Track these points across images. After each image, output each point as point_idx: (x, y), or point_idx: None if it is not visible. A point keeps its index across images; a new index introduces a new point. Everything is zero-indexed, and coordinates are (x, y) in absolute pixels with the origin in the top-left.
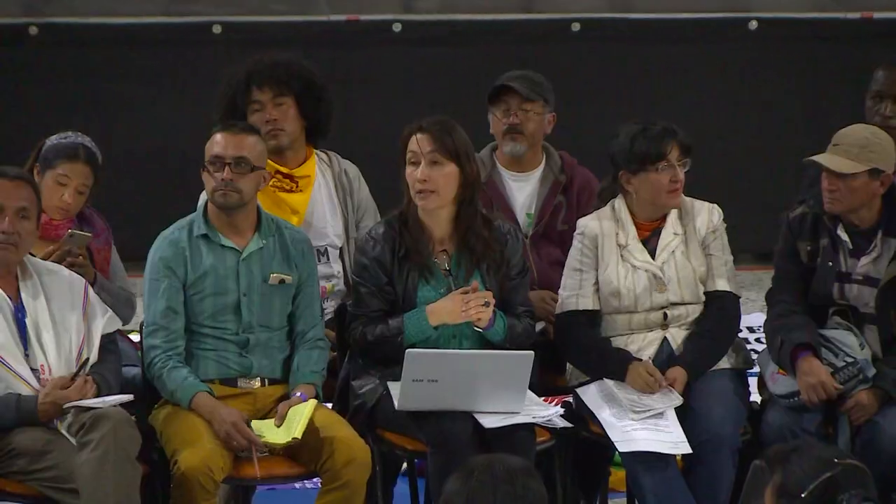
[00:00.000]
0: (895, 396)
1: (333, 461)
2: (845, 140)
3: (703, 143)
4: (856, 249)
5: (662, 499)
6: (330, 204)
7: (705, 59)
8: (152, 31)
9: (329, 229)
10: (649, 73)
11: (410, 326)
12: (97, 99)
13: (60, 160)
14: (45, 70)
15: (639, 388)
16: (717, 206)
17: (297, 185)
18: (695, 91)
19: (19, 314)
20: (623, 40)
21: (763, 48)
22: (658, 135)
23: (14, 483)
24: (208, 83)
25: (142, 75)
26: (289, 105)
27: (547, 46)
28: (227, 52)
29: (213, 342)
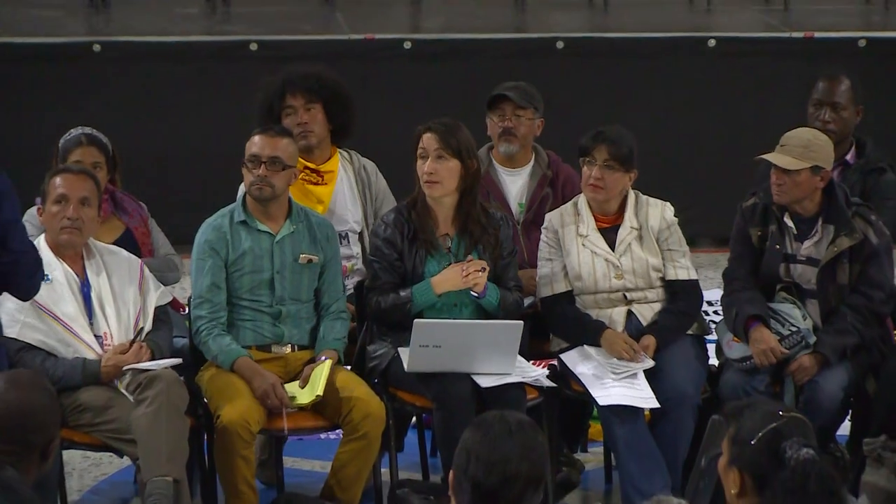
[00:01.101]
0: (832, 360)
1: (353, 416)
2: (791, 141)
3: (669, 144)
4: (800, 234)
5: (632, 447)
6: (351, 195)
7: (671, 73)
8: (198, 48)
9: (349, 216)
10: (623, 85)
11: (418, 296)
12: (151, 106)
13: (71, 150)
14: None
15: (615, 354)
16: (671, 203)
17: (322, 178)
18: (662, 100)
19: (85, 289)
20: (600, 56)
21: (720, 63)
22: (591, 136)
23: (81, 434)
24: (246, 93)
25: (189, 86)
26: (317, 110)
27: (535, 61)
28: (262, 66)
29: (250, 313)
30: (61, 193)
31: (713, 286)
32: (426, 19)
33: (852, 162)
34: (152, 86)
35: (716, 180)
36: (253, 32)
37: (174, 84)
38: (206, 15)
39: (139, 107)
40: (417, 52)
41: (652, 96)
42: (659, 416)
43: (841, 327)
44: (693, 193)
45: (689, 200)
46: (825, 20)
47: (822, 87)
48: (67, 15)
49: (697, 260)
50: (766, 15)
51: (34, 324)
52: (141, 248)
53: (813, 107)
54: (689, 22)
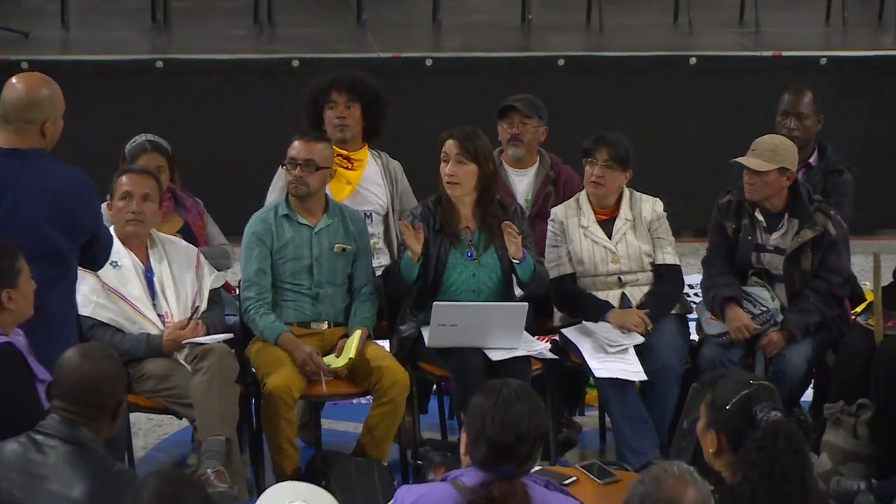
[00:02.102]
0: (797, 336)
1: (381, 383)
2: (761, 146)
3: (657, 148)
4: (768, 227)
5: (624, 411)
6: (376, 180)
7: (658, 86)
8: (247, 64)
9: (373, 198)
10: (616, 97)
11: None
12: (206, 116)
13: (138, 155)
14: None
15: (629, 325)
16: (660, 199)
17: (351, 164)
18: (650, 110)
19: (148, 274)
20: (596, 72)
21: (700, 78)
22: (593, 140)
23: (145, 399)
24: (289, 104)
25: (238, 98)
26: (356, 108)
27: (539, 76)
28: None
29: (292, 295)
30: (126, 191)
31: (694, 272)
32: (445, 40)
33: (815, 164)
34: (207, 97)
35: (696, 180)
36: (295, 51)
37: (226, 96)
38: (254, 36)
39: (196, 116)
40: (438, 68)
41: (641, 107)
42: (648, 384)
43: (804, 307)
44: (677, 191)
45: (674, 197)
46: (791, 41)
47: (787, 99)
48: (134, 35)
49: (680, 249)
50: (740, 36)
51: (105, 304)
52: (198, 239)
53: (780, 116)
54: (674, 42)
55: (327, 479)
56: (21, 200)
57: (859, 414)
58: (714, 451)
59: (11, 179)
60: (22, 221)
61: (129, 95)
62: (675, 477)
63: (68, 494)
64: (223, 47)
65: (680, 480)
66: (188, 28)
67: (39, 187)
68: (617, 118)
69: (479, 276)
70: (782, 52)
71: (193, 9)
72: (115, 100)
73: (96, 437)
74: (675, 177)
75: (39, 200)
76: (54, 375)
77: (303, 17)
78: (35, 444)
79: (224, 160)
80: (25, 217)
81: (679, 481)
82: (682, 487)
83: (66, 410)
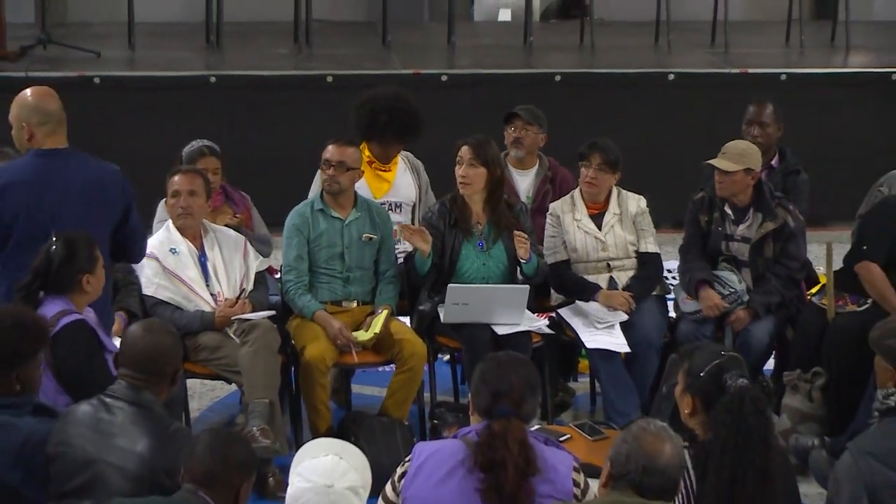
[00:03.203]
0: (761, 313)
1: (403, 354)
2: (729, 150)
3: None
4: (736, 220)
5: (611, 378)
6: (406, 179)
7: (641, 99)
8: (288, 79)
9: (404, 192)
10: (605, 108)
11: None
12: (252, 124)
13: (196, 159)
14: (219, 106)
15: (615, 305)
16: (644, 196)
17: (388, 167)
18: (635, 120)
19: (202, 259)
20: (588, 86)
21: (677, 92)
22: (588, 146)
23: (200, 367)
24: (323, 115)
25: (280, 108)
26: None
27: (539, 90)
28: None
29: (326, 278)
30: (175, 189)
31: (672, 258)
32: (458, 59)
33: (776, 166)
34: (253, 108)
35: (674, 179)
36: (329, 68)
37: (270, 107)
38: (294, 55)
39: (244, 124)
40: (452, 83)
41: (627, 117)
42: (631, 356)
43: (767, 289)
44: (658, 189)
45: (655, 194)
46: (755, 60)
47: (752, 110)
48: (190, 54)
49: (660, 238)
50: (712, 56)
51: (165, 285)
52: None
53: (745, 125)
54: (655, 61)
55: (356, 436)
56: (67, 194)
57: (814, 381)
58: (689, 413)
59: (57, 176)
60: (70, 216)
61: (186, 106)
62: (652, 434)
63: (133, 449)
64: (267, 65)
65: (657, 437)
66: (237, 48)
67: (81, 180)
68: (606, 127)
69: (488, 265)
70: (748, 69)
71: (242, 31)
72: (173, 110)
73: (157, 400)
74: (656, 177)
75: (83, 192)
76: (121, 347)
77: (336, 39)
78: (105, 406)
79: (268, 162)
80: (70, 211)
81: (657, 438)
82: (660, 443)
83: (131, 377)
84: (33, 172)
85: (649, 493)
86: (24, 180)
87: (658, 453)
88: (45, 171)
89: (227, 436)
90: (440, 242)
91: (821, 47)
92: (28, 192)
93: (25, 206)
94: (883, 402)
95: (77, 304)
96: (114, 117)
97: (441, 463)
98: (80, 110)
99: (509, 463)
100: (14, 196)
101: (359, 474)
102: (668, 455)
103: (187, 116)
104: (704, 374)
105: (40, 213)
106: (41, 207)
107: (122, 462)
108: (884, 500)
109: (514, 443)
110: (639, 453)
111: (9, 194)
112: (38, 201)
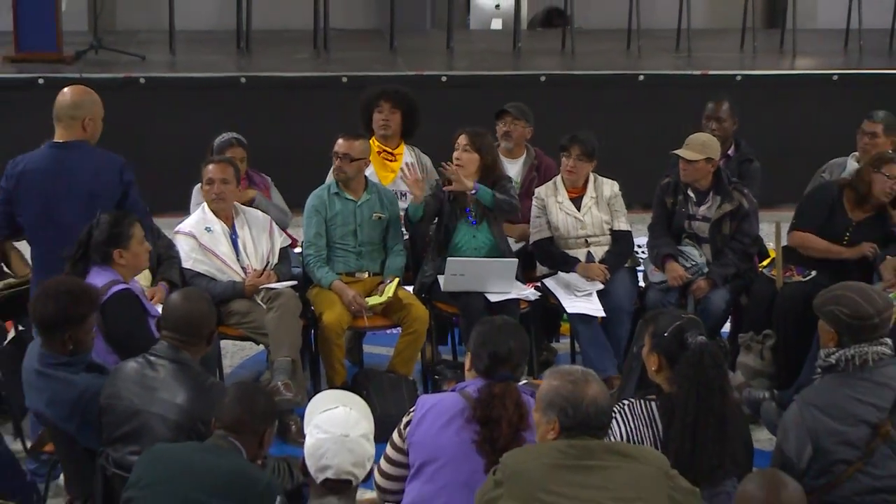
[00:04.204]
0: (718, 283)
1: (408, 318)
2: (692, 141)
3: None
4: (698, 202)
5: (589, 340)
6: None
7: (616, 97)
8: (308, 80)
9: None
10: (584, 105)
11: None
12: (276, 118)
13: (225, 149)
14: (248, 103)
15: (593, 276)
16: (617, 181)
17: (394, 157)
18: (610, 115)
19: (234, 236)
20: (569, 86)
21: (646, 91)
22: (569, 138)
23: (231, 329)
24: (338, 111)
25: (301, 105)
26: (398, 114)
27: (527, 89)
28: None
29: (341, 252)
30: (209, 177)
31: (641, 235)
32: (456, 62)
33: (732, 155)
34: (277, 105)
35: (643, 166)
36: (343, 70)
37: (291, 104)
38: (313, 58)
39: (268, 118)
40: (450, 83)
41: (603, 112)
42: (606, 320)
43: (724, 262)
44: (629, 175)
45: (627, 179)
46: (714, 63)
47: (711, 107)
48: (223, 58)
49: (631, 218)
50: (676, 59)
51: (202, 259)
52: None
53: (705, 120)
54: (627, 64)
55: (367, 390)
56: (73, 180)
57: (764, 342)
58: (655, 369)
59: (65, 165)
60: (76, 198)
61: (219, 103)
62: (579, 378)
63: (174, 401)
64: (290, 67)
65: (585, 380)
66: (264, 52)
67: (85, 169)
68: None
69: (478, 237)
70: (707, 71)
71: (268, 38)
72: (208, 106)
73: (194, 358)
74: (628, 164)
75: (85, 179)
76: (163, 313)
77: (349, 45)
78: (149, 364)
79: (290, 151)
80: (76, 194)
81: (584, 380)
82: (586, 385)
83: (172, 338)
84: (45, 161)
85: (588, 432)
86: (38, 168)
87: (584, 393)
88: (54, 160)
89: (253, 388)
90: (439, 206)
91: (771, 52)
92: (42, 180)
93: (38, 193)
94: (825, 360)
95: (123, 275)
96: (156, 113)
97: (441, 413)
98: (127, 107)
99: (504, 420)
100: (29, 183)
101: (368, 422)
102: (593, 392)
103: (220, 112)
104: (668, 335)
105: (52, 197)
106: (52, 193)
107: (165, 412)
108: (825, 446)
109: (511, 403)
110: (568, 394)
111: (24, 181)
112: (52, 187)
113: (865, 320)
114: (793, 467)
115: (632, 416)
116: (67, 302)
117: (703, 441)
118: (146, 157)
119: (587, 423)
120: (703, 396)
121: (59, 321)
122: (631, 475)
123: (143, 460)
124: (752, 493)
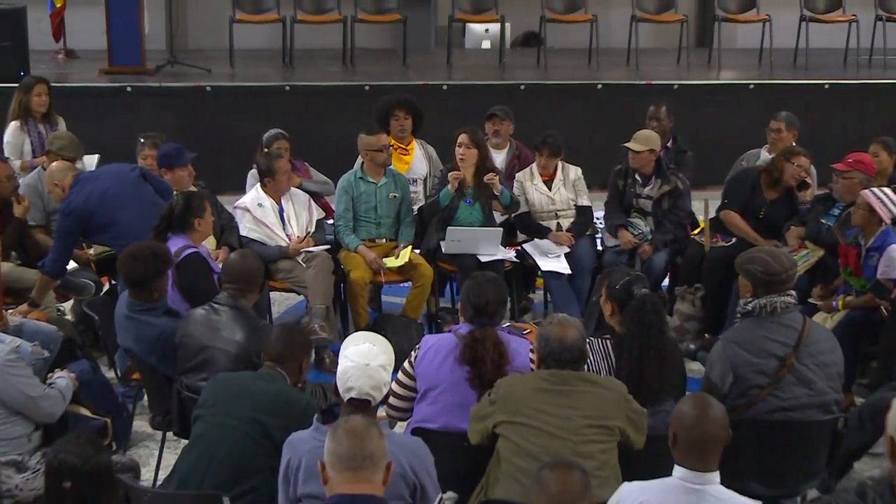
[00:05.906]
0: (659, 247)
1: (417, 274)
2: (639, 136)
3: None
4: (643, 184)
5: (558, 291)
6: (420, 159)
7: (579, 103)
8: (338, 89)
9: (418, 170)
10: (555, 108)
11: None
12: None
13: (272, 142)
14: (292, 108)
15: (563, 241)
16: (580, 168)
17: (407, 151)
18: (575, 117)
19: (280, 211)
20: (543, 93)
21: (604, 97)
22: (541, 139)
23: (278, 283)
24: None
25: (333, 109)
26: (409, 119)
27: (510, 96)
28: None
29: (364, 223)
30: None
31: (598, 209)
32: (454, 73)
33: (670, 147)
34: (314, 109)
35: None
36: (366, 80)
37: (325, 108)
38: (343, 70)
39: (308, 120)
40: (451, 91)
41: (570, 115)
42: (571, 276)
43: (664, 231)
44: (589, 163)
45: (588, 166)
46: (658, 74)
47: (652, 109)
48: (271, 70)
49: (591, 196)
50: (627, 71)
51: (254, 228)
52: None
53: (648, 119)
54: (588, 75)
55: (384, 330)
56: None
57: (696, 293)
58: (609, 314)
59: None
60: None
61: (269, 106)
62: (560, 323)
63: (233, 338)
64: (324, 77)
65: (564, 324)
66: (304, 67)
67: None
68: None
69: (473, 214)
70: (651, 81)
71: (307, 55)
72: (260, 109)
73: (249, 305)
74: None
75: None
76: (223, 269)
77: (371, 60)
78: (213, 310)
79: (324, 146)
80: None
81: (564, 325)
82: (566, 328)
83: (231, 289)
84: (117, 183)
85: (567, 364)
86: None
87: (566, 335)
88: (123, 181)
89: (292, 328)
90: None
91: (701, 66)
92: (115, 198)
93: (111, 206)
94: (743, 307)
95: (194, 240)
96: (218, 114)
97: (440, 350)
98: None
99: (487, 359)
100: (107, 199)
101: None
102: (573, 335)
103: (269, 113)
104: (619, 287)
105: (120, 210)
106: (120, 205)
107: (226, 347)
108: (743, 374)
109: (490, 344)
110: (553, 336)
111: (107, 200)
112: (120, 202)
113: (775, 276)
114: (717, 391)
115: (591, 351)
116: (154, 261)
117: (647, 371)
118: (211, 149)
119: (563, 357)
120: (647, 335)
121: (149, 276)
122: (597, 398)
123: (209, 385)
124: (685, 412)
